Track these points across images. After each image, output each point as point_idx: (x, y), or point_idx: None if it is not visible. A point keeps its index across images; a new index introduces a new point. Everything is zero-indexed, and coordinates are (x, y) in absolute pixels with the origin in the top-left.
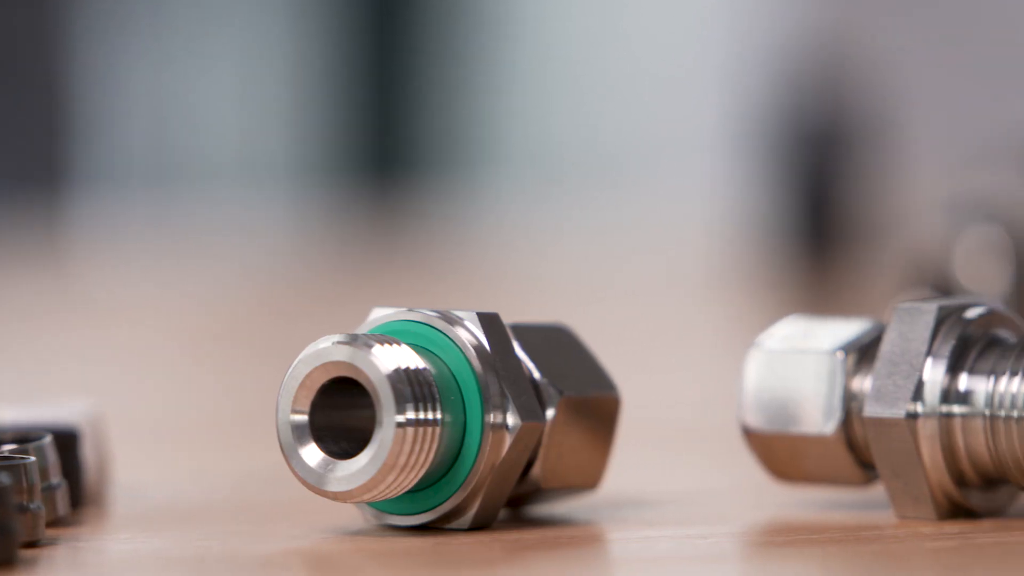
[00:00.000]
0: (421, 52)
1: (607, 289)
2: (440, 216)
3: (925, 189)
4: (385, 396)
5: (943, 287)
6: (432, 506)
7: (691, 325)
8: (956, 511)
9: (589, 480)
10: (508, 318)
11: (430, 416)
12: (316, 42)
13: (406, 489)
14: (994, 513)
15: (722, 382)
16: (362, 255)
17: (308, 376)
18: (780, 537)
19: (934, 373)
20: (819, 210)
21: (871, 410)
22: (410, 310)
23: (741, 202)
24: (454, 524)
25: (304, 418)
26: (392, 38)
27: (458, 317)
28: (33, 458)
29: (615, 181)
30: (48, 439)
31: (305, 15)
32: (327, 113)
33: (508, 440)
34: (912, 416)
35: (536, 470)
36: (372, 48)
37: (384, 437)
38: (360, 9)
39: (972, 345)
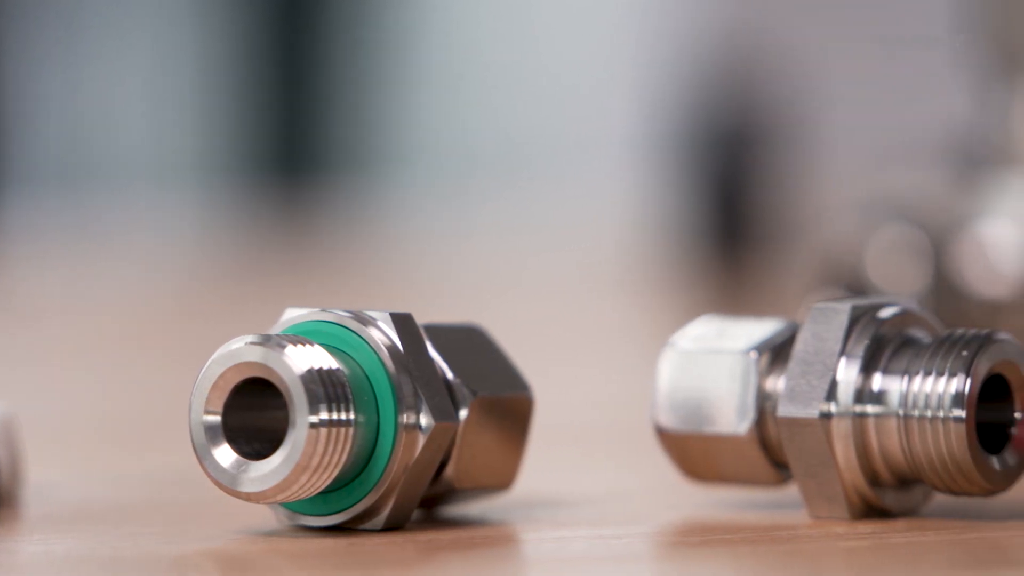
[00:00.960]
0: (329, 52)
1: (520, 289)
2: (352, 216)
3: (838, 188)
4: (298, 397)
5: (856, 287)
6: (345, 507)
7: (604, 325)
8: (870, 511)
9: (502, 480)
10: (421, 318)
11: (343, 417)
12: (224, 43)
13: (319, 490)
14: (908, 513)
15: (635, 382)
16: (274, 255)
17: (221, 377)
18: (694, 537)
19: (848, 373)
20: (731, 209)
21: (785, 410)
22: (323, 310)
23: (653, 201)
24: (367, 525)
25: (217, 419)
26: (299, 38)
27: (371, 317)
28: None
29: (527, 180)
30: None
31: (212, 15)
32: (237, 113)
33: (421, 440)
34: (826, 416)
35: (449, 470)
36: (280, 48)
37: (297, 438)
38: (267, 10)
39: (886, 345)
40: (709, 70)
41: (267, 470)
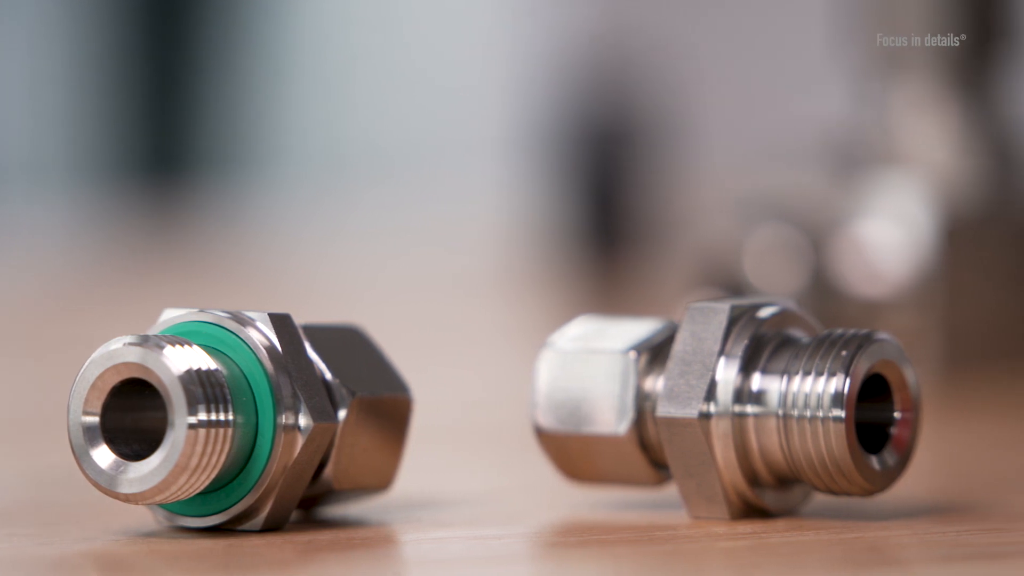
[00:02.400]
0: (200, 52)
1: (398, 290)
2: (228, 216)
3: (715, 187)
4: (177, 397)
5: (734, 286)
6: (224, 507)
7: (482, 325)
8: (749, 511)
9: (381, 481)
10: (300, 319)
11: (222, 417)
12: (95, 43)
13: (198, 490)
14: (787, 512)
15: (514, 382)
16: (149, 256)
17: (99, 377)
18: (573, 537)
19: (727, 373)
20: (607, 209)
21: (664, 410)
22: (201, 311)
23: (529, 201)
24: (246, 525)
25: (95, 420)
26: (170, 38)
27: (249, 318)
28: None
29: (403, 180)
30: None
31: (84, 15)
32: (108, 114)
33: (300, 441)
34: (705, 416)
35: (328, 471)
36: (151, 49)
37: (176, 438)
38: (138, 10)
39: (765, 345)
40: (583, 69)
41: (146, 471)
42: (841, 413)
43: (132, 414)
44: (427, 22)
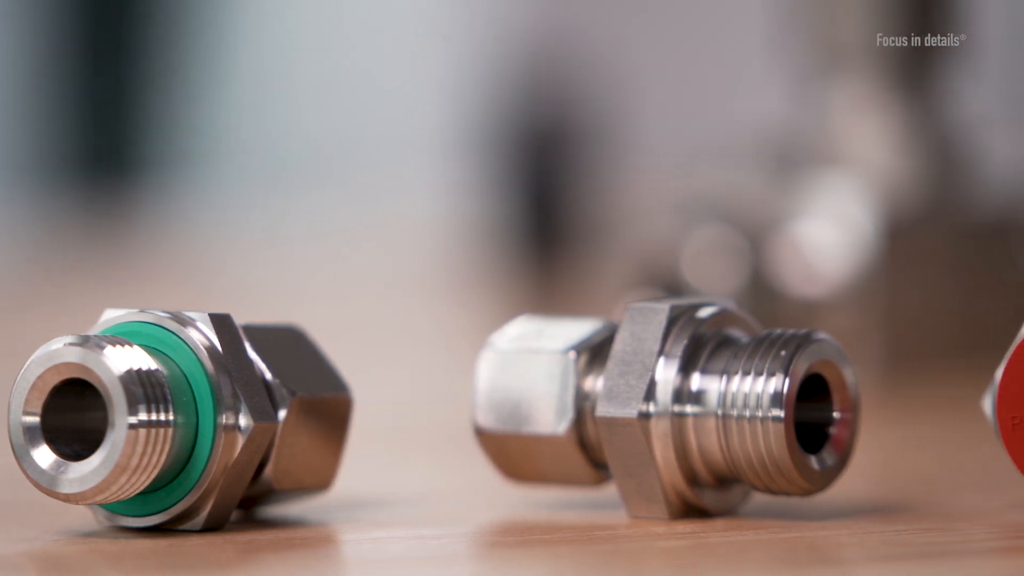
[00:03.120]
0: (141, 52)
1: (337, 290)
2: (168, 217)
3: (654, 188)
4: (117, 397)
5: (673, 286)
6: (165, 507)
7: (422, 325)
8: (689, 510)
9: (322, 481)
10: (240, 319)
11: (162, 417)
12: (31, 41)
13: (139, 490)
14: (726, 512)
15: (454, 382)
16: (94, 256)
17: (40, 377)
18: (512, 537)
19: (666, 373)
20: (546, 209)
21: (603, 410)
22: (142, 311)
23: (467, 202)
24: (187, 525)
25: (36, 420)
26: (108, 38)
27: (190, 318)
28: None
29: (341, 180)
30: None
31: (19, 13)
32: (49, 114)
33: (240, 441)
34: (644, 416)
35: (269, 471)
36: (90, 48)
37: (116, 438)
38: (75, 8)
39: (704, 345)
40: (520, 69)
41: (86, 471)
42: (780, 413)
43: (73, 414)
44: (365, 22)
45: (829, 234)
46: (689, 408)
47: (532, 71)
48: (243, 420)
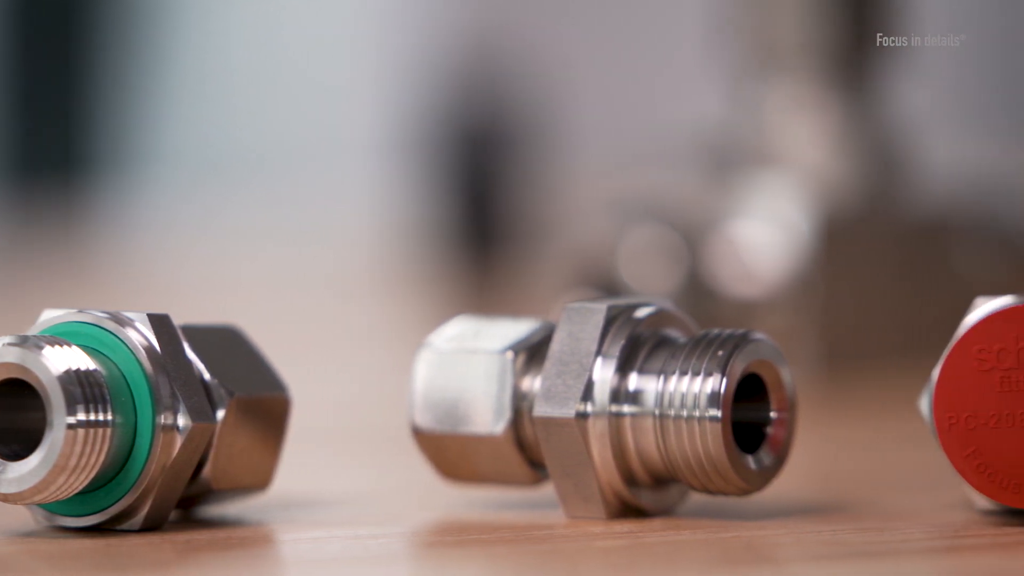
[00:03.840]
0: (76, 52)
1: (275, 290)
2: (105, 217)
3: (590, 188)
4: (55, 397)
5: (609, 286)
6: (103, 507)
7: (359, 326)
8: (626, 510)
9: (260, 480)
10: (178, 319)
11: (101, 417)
12: None
13: (77, 490)
14: (664, 512)
15: (392, 382)
16: (32, 257)
17: None
18: (450, 537)
19: (604, 373)
20: (482, 209)
21: (541, 410)
22: (80, 311)
23: (404, 202)
24: (125, 525)
25: None
26: (44, 37)
27: (128, 318)
28: None
29: (279, 181)
30: None
31: None
32: None
33: (179, 441)
34: (582, 416)
35: (207, 471)
36: (25, 48)
37: (55, 439)
38: (9, 6)
39: (642, 345)
40: (457, 69)
41: (24, 471)
42: (717, 413)
43: (11, 414)
44: (300, 20)
45: (765, 234)
46: (626, 408)
47: (469, 71)
48: (181, 420)
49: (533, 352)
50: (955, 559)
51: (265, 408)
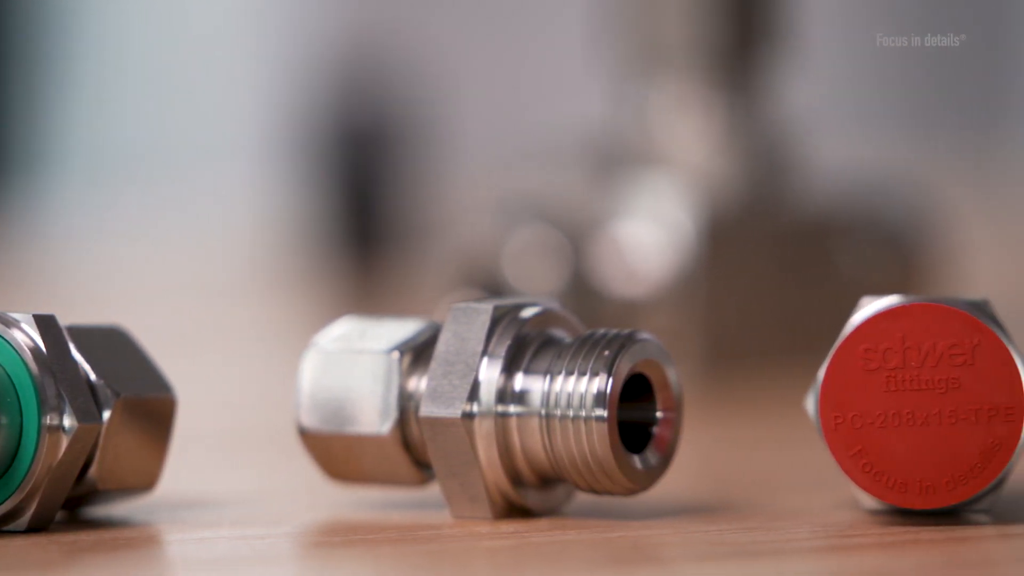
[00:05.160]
0: None
1: (160, 291)
2: None
3: (474, 188)
4: None
5: (494, 286)
6: None
7: (245, 326)
8: (512, 510)
9: (146, 481)
10: (64, 320)
11: None
12: None
13: None
14: (550, 512)
15: (278, 383)
16: None
17: None
18: (337, 537)
19: (490, 373)
20: (366, 209)
21: (427, 410)
22: None
23: (288, 202)
24: (11, 526)
25: None
26: None
27: (14, 319)
28: None
29: (162, 182)
30: None
31: None
32: None
33: (65, 442)
34: (468, 416)
35: (93, 471)
36: None
37: None
38: None
39: (528, 345)
40: (339, 69)
41: None
42: (603, 413)
43: None
44: (179, 20)
45: (650, 234)
46: (512, 408)
47: (351, 70)
48: (67, 421)
49: (419, 352)
50: (841, 558)
51: (151, 409)
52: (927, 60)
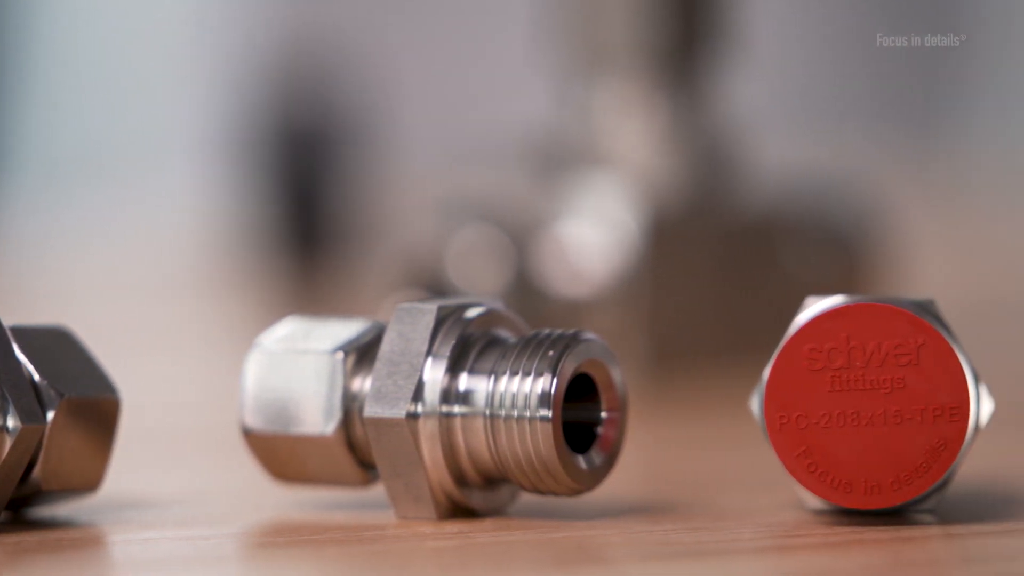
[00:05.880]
0: None
1: (103, 291)
2: None
3: (418, 188)
4: None
5: (437, 287)
6: None
7: (189, 327)
8: (457, 511)
9: (90, 482)
10: (7, 320)
11: None
12: None
13: None
14: (495, 512)
15: (222, 383)
16: None
17: None
18: (281, 538)
19: (434, 373)
20: (309, 209)
21: (371, 410)
22: None
23: (231, 202)
24: None
25: None
26: None
27: None
28: None
29: (106, 182)
30: None
31: None
32: None
33: (8, 443)
34: (412, 416)
35: (37, 472)
36: None
37: None
38: None
39: (472, 345)
40: (282, 68)
41: None
42: (548, 413)
43: None
44: (120, 21)
45: (594, 234)
46: (457, 408)
47: (294, 70)
48: (11, 421)
49: (363, 352)
50: (786, 558)
51: (95, 409)
52: (872, 60)
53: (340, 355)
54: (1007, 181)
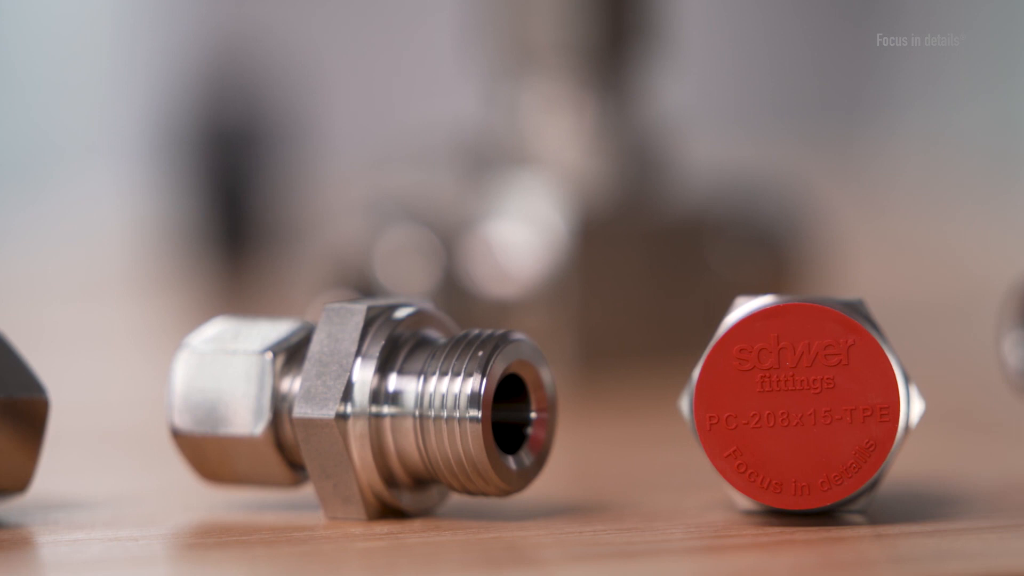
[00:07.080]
0: None
1: (31, 292)
2: None
3: (345, 189)
4: None
5: (365, 287)
6: None
7: (116, 327)
8: (386, 511)
9: (18, 483)
10: None
11: None
12: None
13: None
14: (424, 513)
15: (151, 384)
16: None
17: None
18: (211, 539)
19: (363, 373)
20: (236, 210)
21: (300, 411)
22: None
23: (156, 202)
24: None
25: None
26: None
27: None
28: None
29: (31, 182)
30: None
31: None
32: None
33: None
34: (342, 417)
35: None
36: None
37: None
38: None
39: (402, 345)
40: (208, 68)
41: None
42: (477, 413)
43: None
44: (51, 21)
45: (521, 234)
46: (387, 409)
47: (220, 69)
48: None
49: (293, 353)
50: (715, 559)
51: (23, 410)
52: (801, 60)
53: (269, 355)
54: (935, 181)
